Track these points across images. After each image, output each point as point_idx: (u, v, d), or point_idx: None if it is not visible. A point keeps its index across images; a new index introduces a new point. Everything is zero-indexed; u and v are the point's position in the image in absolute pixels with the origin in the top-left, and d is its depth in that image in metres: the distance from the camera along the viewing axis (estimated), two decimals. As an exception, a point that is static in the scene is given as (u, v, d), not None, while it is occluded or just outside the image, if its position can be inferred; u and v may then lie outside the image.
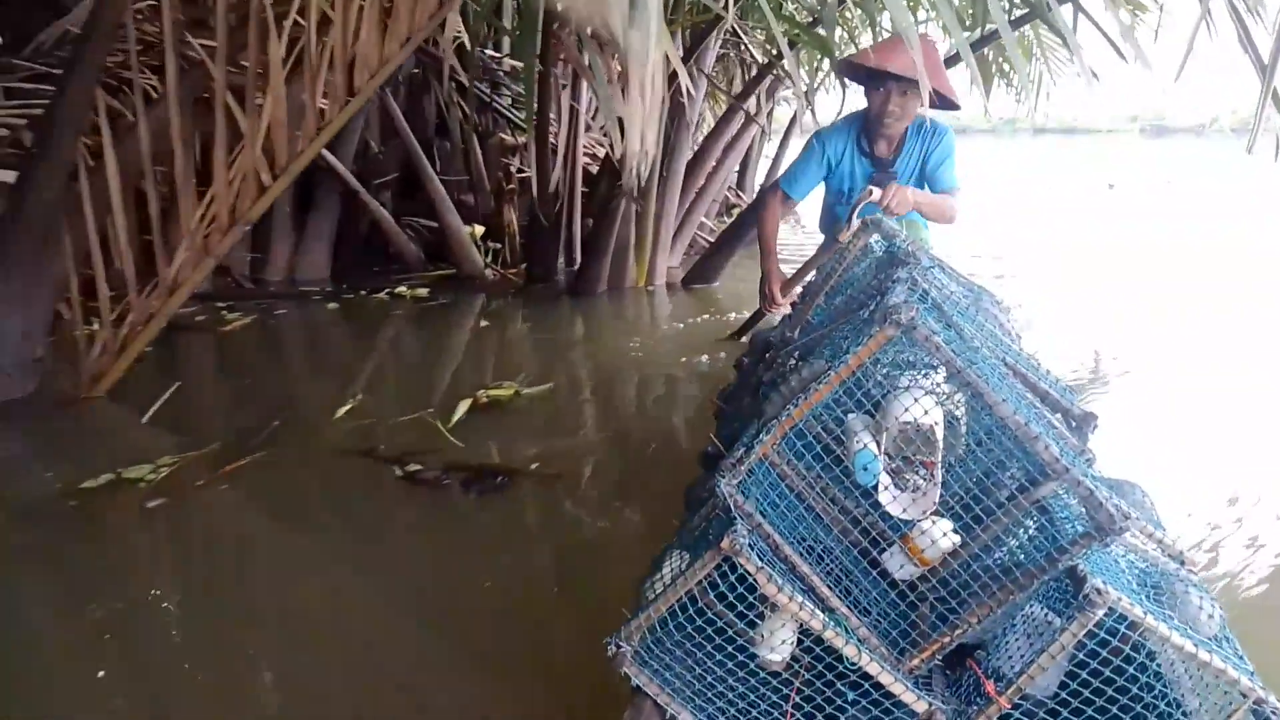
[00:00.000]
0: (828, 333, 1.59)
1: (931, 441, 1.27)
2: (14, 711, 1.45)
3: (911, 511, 1.24)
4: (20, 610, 1.73)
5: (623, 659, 1.27)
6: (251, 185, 2.75)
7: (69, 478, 2.25)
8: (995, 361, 1.37)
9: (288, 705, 1.55)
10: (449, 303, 4.52)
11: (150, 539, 2.03)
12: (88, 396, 2.79)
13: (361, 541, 2.10)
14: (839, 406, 1.29)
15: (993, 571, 1.25)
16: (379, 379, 3.40)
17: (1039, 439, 1.14)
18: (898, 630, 1.28)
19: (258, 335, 3.75)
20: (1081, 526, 1.22)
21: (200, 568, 1.97)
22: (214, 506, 2.18)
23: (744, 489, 1.27)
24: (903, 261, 1.55)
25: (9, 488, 2.24)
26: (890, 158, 3.07)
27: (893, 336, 1.16)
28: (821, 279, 2.16)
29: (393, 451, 2.52)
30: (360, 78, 2.70)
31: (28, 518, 2.07)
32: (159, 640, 1.68)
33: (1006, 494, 1.32)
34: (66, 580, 1.86)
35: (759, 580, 1.19)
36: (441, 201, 4.98)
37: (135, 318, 2.81)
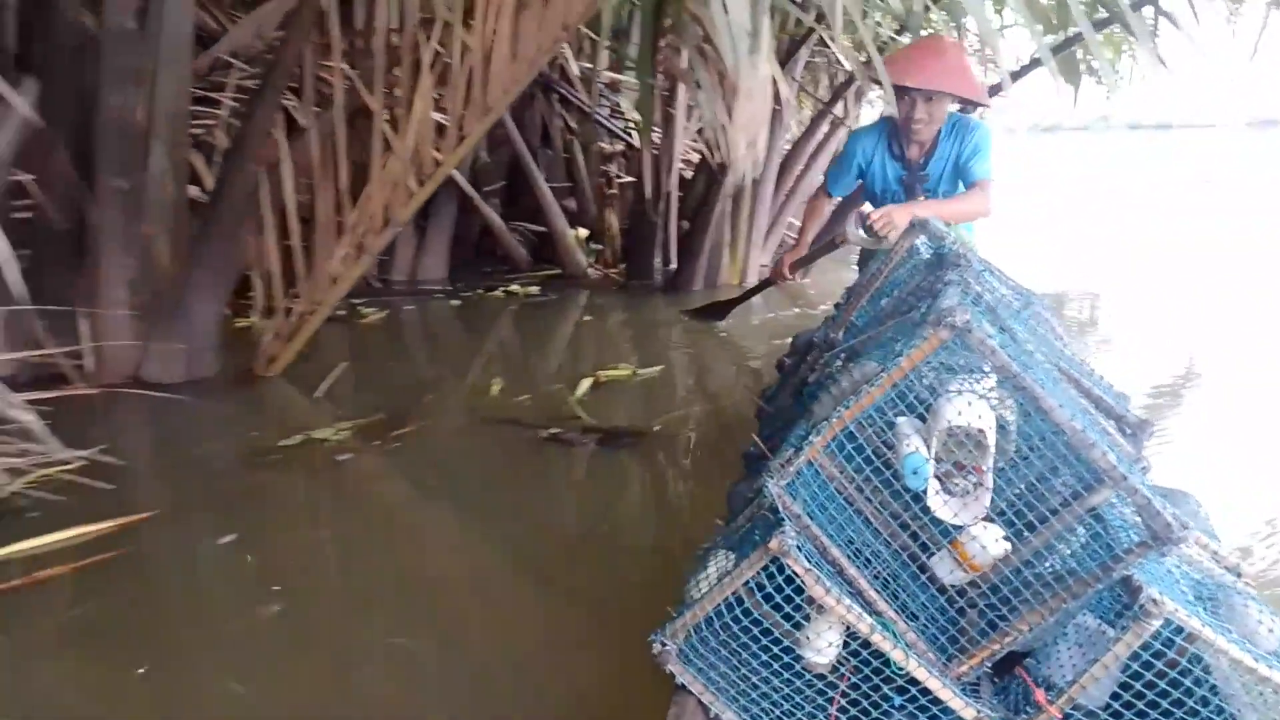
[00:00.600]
0: (876, 335, 1.57)
1: (983, 446, 1.26)
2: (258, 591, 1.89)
3: (962, 516, 1.23)
4: (253, 533, 2.16)
5: (667, 657, 1.28)
6: (401, 191, 3.09)
7: (270, 437, 2.72)
8: (1049, 366, 1.35)
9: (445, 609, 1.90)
10: (557, 299, 4.92)
11: (342, 483, 2.48)
12: (263, 375, 3.20)
13: (514, 486, 2.50)
14: (888, 409, 1.28)
15: (1044, 579, 1.24)
16: (505, 363, 3.86)
17: (1095, 446, 1.12)
18: (945, 636, 1.26)
19: (393, 327, 4.23)
20: (1136, 535, 1.20)
21: (381, 505, 2.43)
22: (389, 460, 2.62)
23: (791, 490, 1.27)
24: (953, 264, 1.54)
25: (227, 442, 2.74)
26: (921, 160, 3.06)
27: (946, 340, 1.15)
28: (866, 280, 2.15)
29: (532, 420, 2.91)
30: (494, 96, 3.02)
31: (246, 465, 2.55)
32: (361, 554, 2.13)
33: (1059, 500, 1.31)
34: (288, 512, 2.35)
35: (806, 582, 1.18)
36: (549, 206, 5.36)
37: (303, 308, 3.17)
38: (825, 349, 2.10)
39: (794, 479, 1.28)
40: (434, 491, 2.50)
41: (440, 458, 2.70)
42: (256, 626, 1.78)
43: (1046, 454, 1.28)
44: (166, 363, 3.07)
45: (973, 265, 1.56)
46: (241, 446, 2.70)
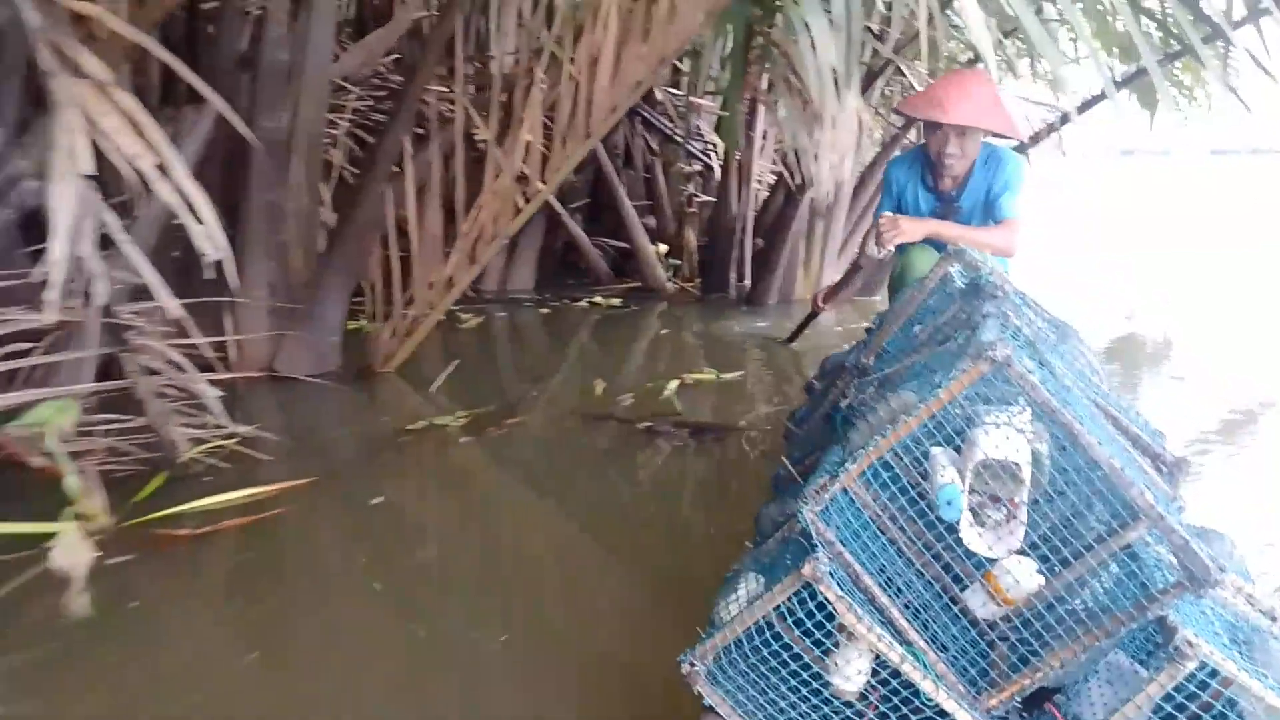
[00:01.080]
0: (910, 364, 1.58)
1: (1018, 478, 1.26)
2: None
3: (996, 549, 1.23)
4: (396, 498, 2.50)
5: (695, 677, 1.29)
6: (509, 206, 3.40)
7: (396, 422, 3.05)
8: (1087, 401, 1.35)
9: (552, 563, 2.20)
10: (638, 310, 5.24)
11: (465, 461, 2.83)
12: (380, 371, 3.51)
13: (615, 467, 2.81)
14: (924, 439, 1.29)
15: (1077, 615, 1.24)
16: (597, 365, 4.13)
17: (1134, 484, 1.12)
18: (975, 668, 1.26)
19: (489, 332, 4.61)
20: (1172, 575, 1.20)
21: (499, 480, 2.79)
22: (503, 444, 2.93)
23: (825, 516, 1.28)
24: (990, 295, 1.54)
25: (360, 425, 3.13)
26: (954, 192, 3.06)
27: (986, 373, 1.16)
28: (899, 307, 2.15)
29: (626, 414, 3.18)
30: (595, 121, 3.30)
31: (382, 444, 2.88)
32: (483, 519, 2.51)
33: (1093, 536, 1.30)
34: (424, 483, 2.71)
35: (838, 609, 1.19)
36: (632, 223, 5.64)
37: (417, 310, 3.48)
38: (856, 374, 2.10)
39: (827, 505, 1.28)
40: (543, 470, 2.82)
41: (547, 444, 3.01)
42: (406, 574, 2.08)
43: (1081, 488, 1.28)
44: (297, 357, 3.40)
45: (1010, 297, 1.56)
46: (374, 429, 3.07)
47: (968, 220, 3.07)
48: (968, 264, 1.98)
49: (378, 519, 2.33)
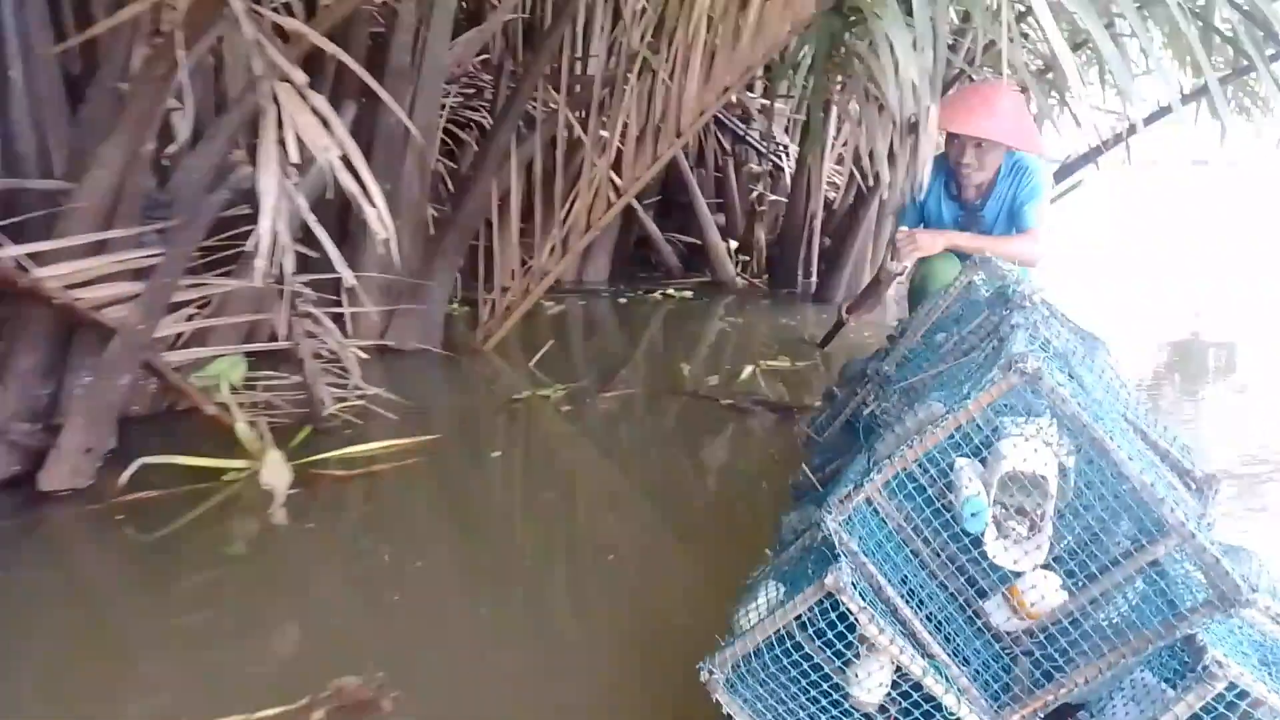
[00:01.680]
0: (936, 374, 1.57)
1: (1045, 491, 1.25)
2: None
3: (1022, 563, 1.22)
4: (512, 452, 2.93)
5: (714, 685, 1.28)
6: (602, 200, 3.66)
7: (502, 393, 3.40)
8: (1116, 416, 1.33)
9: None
10: (709, 302, 5.47)
11: (567, 425, 3.13)
12: (480, 350, 3.82)
13: (701, 435, 3.05)
14: (950, 451, 1.27)
15: (1102, 631, 1.22)
16: (676, 350, 4.42)
17: (1164, 501, 1.11)
18: (998, 683, 1.25)
19: (572, 318, 4.90)
20: (1200, 592, 1.18)
21: (597, 442, 3.08)
22: (601, 412, 3.23)
23: (848, 526, 1.27)
24: (1018, 306, 1.53)
25: (471, 394, 3.50)
26: (978, 201, 3.04)
27: (1016, 385, 1.15)
28: (922, 315, 2.14)
29: (709, 392, 3.44)
30: (684, 122, 3.52)
31: (494, 410, 3.25)
32: (587, 471, 2.86)
33: (1119, 551, 1.29)
34: (534, 441, 3.06)
35: (860, 620, 1.18)
36: (704, 219, 5.86)
37: (514, 295, 3.82)
38: (877, 382, 2.09)
39: (851, 515, 1.27)
40: (636, 437, 3.16)
41: (639, 415, 3.30)
42: (518, 513, 2.51)
43: (1109, 502, 1.26)
44: (405, 332, 3.68)
45: (1038, 307, 1.55)
46: (484, 397, 3.44)
47: (990, 230, 3.05)
48: (992, 273, 1.97)
49: (497, 469, 2.74)
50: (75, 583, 2.00)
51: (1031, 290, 1.61)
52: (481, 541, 2.27)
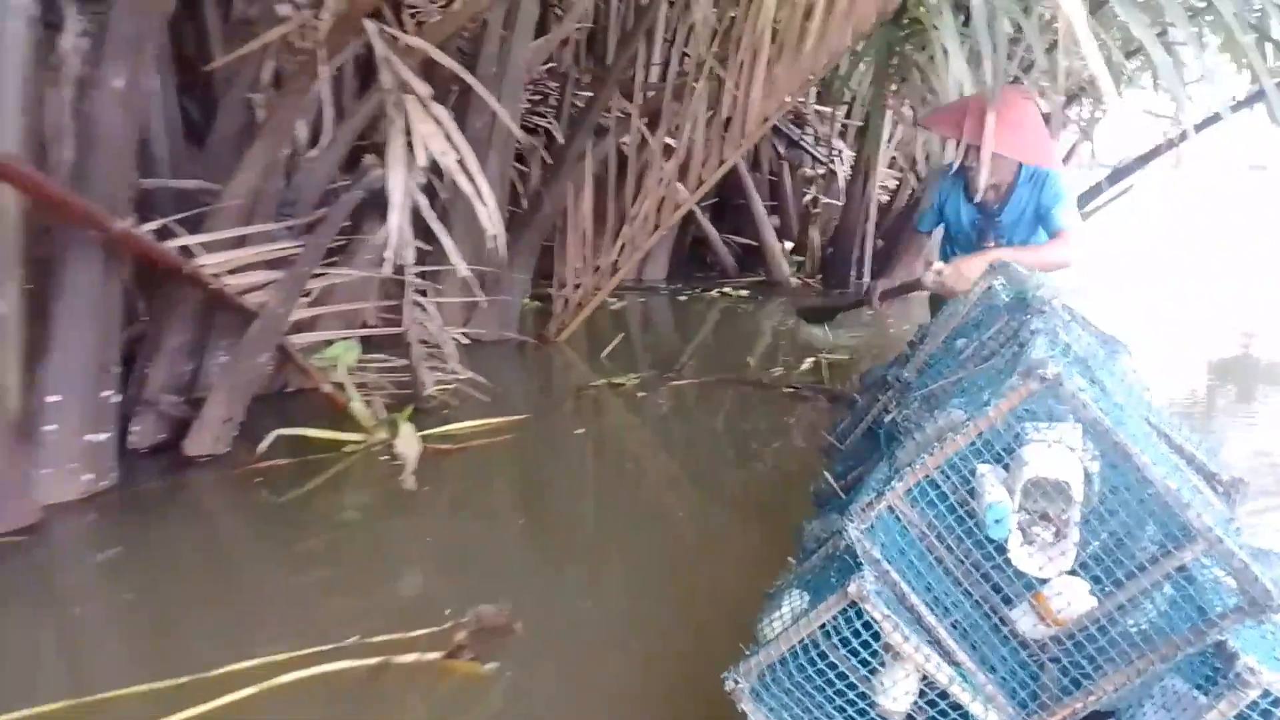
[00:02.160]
0: (956, 380, 1.56)
1: (1069, 497, 1.24)
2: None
3: (1048, 569, 1.21)
4: (594, 430, 3.25)
5: (740, 695, 1.28)
6: (670, 202, 3.93)
7: (578, 380, 3.71)
8: (1140, 420, 1.32)
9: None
10: (764, 300, 5.70)
11: (643, 408, 3.38)
12: (553, 341, 4.09)
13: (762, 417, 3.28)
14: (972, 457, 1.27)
15: (1130, 637, 1.21)
16: (739, 344, 4.63)
17: (1190, 506, 1.10)
18: (1025, 691, 1.24)
19: (634, 314, 5.18)
20: (1230, 598, 1.17)
21: (671, 423, 3.33)
22: (671, 397, 3.49)
23: (871, 534, 1.27)
24: (1038, 311, 1.52)
25: (552, 380, 3.86)
26: (996, 205, 3.03)
27: (1036, 391, 1.14)
28: (942, 321, 2.13)
29: (771, 381, 3.71)
30: (749, 128, 3.74)
31: (574, 394, 3.57)
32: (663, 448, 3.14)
33: (1146, 556, 1.28)
34: (614, 421, 3.35)
35: (884, 629, 1.18)
36: (761, 220, 6.12)
37: (585, 291, 4.08)
38: (898, 389, 2.08)
39: (873, 523, 1.27)
40: (703, 419, 3.37)
41: (706, 400, 3.52)
42: (602, 480, 2.88)
43: (1133, 507, 1.25)
44: (485, 323, 3.93)
45: (1058, 312, 1.54)
46: (562, 383, 3.78)
47: (1009, 235, 3.04)
48: (1012, 278, 1.96)
49: (581, 445, 3.08)
50: (222, 536, 2.31)
51: (1052, 295, 1.60)
52: (572, 504, 2.60)
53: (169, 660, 1.61)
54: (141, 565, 2.00)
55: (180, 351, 2.57)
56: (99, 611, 1.85)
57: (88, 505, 2.19)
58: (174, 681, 1.54)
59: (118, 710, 1.48)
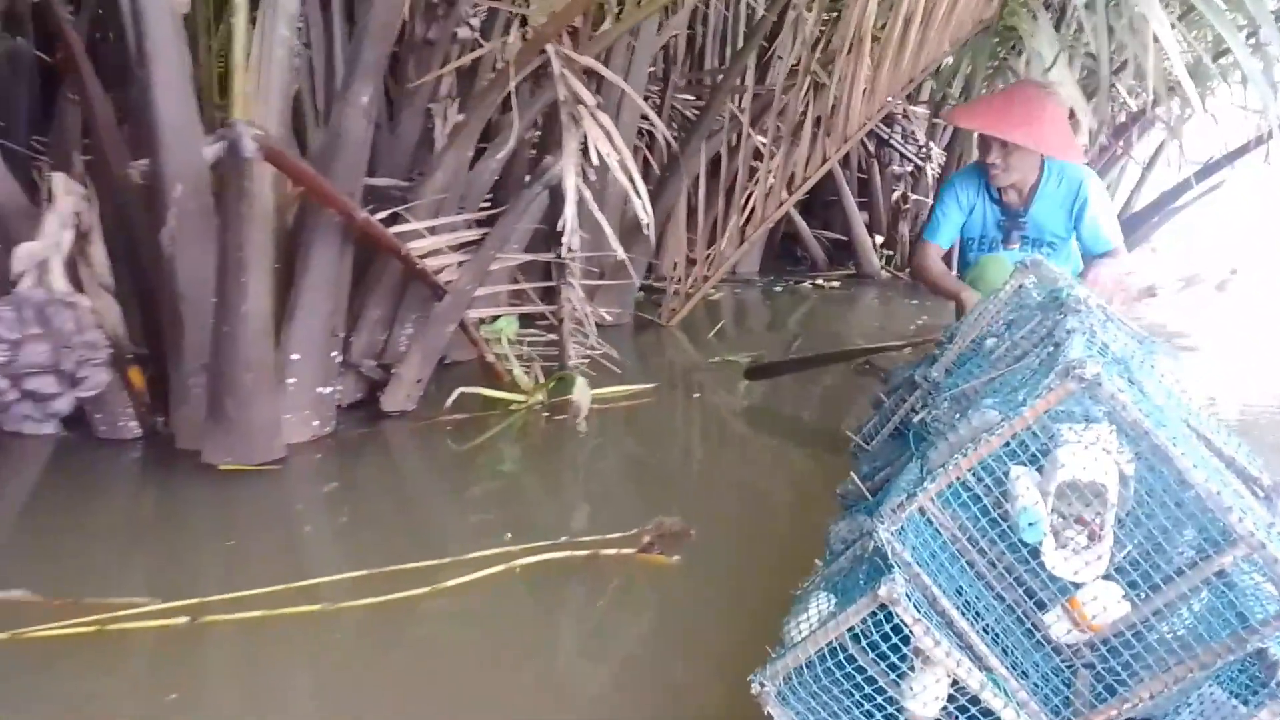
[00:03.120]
0: (988, 380, 1.54)
1: (1105, 500, 1.22)
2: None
3: (1083, 574, 1.19)
4: (711, 398, 3.64)
5: (765, 698, 1.26)
6: (775, 198, 4.29)
7: (694, 358, 4.13)
8: (1179, 422, 1.29)
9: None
10: (856, 292, 5.98)
11: (756, 382, 3.62)
12: (665, 325, 4.45)
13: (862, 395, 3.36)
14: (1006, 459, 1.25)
15: (1167, 643, 1.18)
16: (838, 330, 4.92)
17: (1232, 510, 1.07)
18: (1059, 697, 1.22)
19: (732, 303, 5.45)
20: (1272, 605, 1.14)
21: (781, 394, 3.58)
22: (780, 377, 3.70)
23: (901, 536, 1.25)
24: (1073, 310, 1.49)
25: (670, 358, 4.19)
26: (1021, 206, 3.00)
27: (1074, 392, 1.12)
28: (972, 321, 2.11)
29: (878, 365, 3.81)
30: (850, 128, 4.05)
31: (693, 369, 4.01)
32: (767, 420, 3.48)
33: (1184, 561, 1.25)
34: (730, 389, 3.64)
35: (915, 632, 1.16)
36: (852, 215, 6.36)
37: (696, 279, 4.45)
38: (926, 389, 2.06)
39: (903, 525, 1.25)
40: (810, 391, 3.66)
41: (813, 377, 3.75)
42: (720, 436, 3.35)
43: (1172, 510, 1.23)
44: (604, 306, 4.20)
45: (1093, 311, 1.51)
46: (681, 360, 4.15)
47: (1037, 235, 3.01)
48: (1045, 277, 1.93)
49: (706, 408, 3.58)
50: (427, 470, 2.76)
51: (1086, 294, 1.57)
52: (710, 452, 3.15)
53: (427, 547, 2.06)
54: (378, 487, 2.55)
55: (378, 323, 2.99)
56: (353, 519, 2.32)
57: (315, 446, 2.63)
58: (437, 561, 1.96)
59: (401, 580, 1.88)
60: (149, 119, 2.31)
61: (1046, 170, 2.96)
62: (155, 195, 2.38)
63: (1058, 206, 2.95)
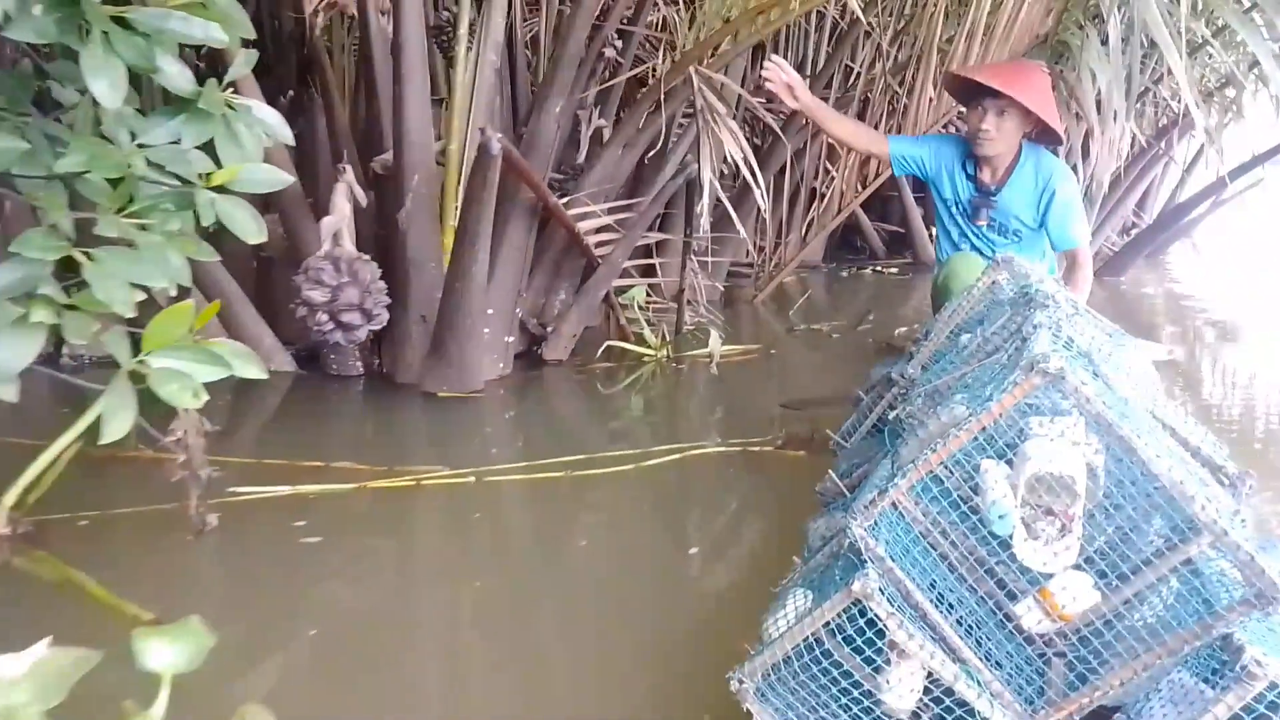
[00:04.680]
0: (960, 377, 1.56)
1: (1073, 491, 1.24)
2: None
3: (1052, 564, 1.21)
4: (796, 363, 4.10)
5: (745, 695, 1.28)
6: (850, 188, 4.83)
7: (784, 325, 4.64)
8: (1144, 413, 1.32)
9: None
10: (915, 278, 6.27)
11: (842, 347, 4.26)
12: (751, 301, 5.05)
13: None
14: (975, 453, 1.27)
15: (1136, 632, 1.21)
16: (905, 307, 5.32)
17: (1195, 499, 1.09)
18: (1032, 686, 1.24)
19: (807, 285, 5.86)
20: (1236, 590, 1.17)
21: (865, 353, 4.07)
22: (863, 338, 4.34)
23: (874, 532, 1.26)
24: (1041, 305, 1.51)
25: (760, 328, 4.69)
26: (994, 186, 3.02)
27: (1039, 385, 1.14)
28: (946, 318, 2.12)
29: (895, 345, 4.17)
30: (923, 126, 4.42)
31: (786, 337, 4.44)
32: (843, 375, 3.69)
33: (1152, 550, 1.27)
34: (816, 349, 4.25)
35: (889, 626, 1.17)
36: (910, 208, 6.77)
37: (778, 262, 5.23)
38: (903, 386, 2.08)
39: (877, 521, 1.27)
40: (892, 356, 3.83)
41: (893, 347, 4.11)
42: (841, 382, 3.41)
43: (1139, 501, 1.25)
44: (700, 287, 4.48)
45: (1062, 307, 1.53)
46: (772, 329, 4.65)
47: (1003, 220, 3.04)
48: (1016, 273, 1.95)
49: (800, 361, 4.08)
50: (590, 401, 3.37)
51: (1055, 289, 1.60)
52: (815, 388, 3.55)
53: (617, 443, 2.75)
54: (563, 409, 3.34)
55: (541, 289, 3.61)
56: (554, 427, 3.13)
57: (498, 383, 3.28)
58: (629, 451, 2.66)
59: (607, 460, 2.58)
60: (398, 124, 2.95)
61: (1024, 155, 2.98)
62: (393, 183, 3.03)
63: (1026, 195, 2.97)
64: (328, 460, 2.45)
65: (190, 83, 1.62)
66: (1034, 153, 2.99)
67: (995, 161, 2.99)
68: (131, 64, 1.48)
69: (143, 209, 1.60)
